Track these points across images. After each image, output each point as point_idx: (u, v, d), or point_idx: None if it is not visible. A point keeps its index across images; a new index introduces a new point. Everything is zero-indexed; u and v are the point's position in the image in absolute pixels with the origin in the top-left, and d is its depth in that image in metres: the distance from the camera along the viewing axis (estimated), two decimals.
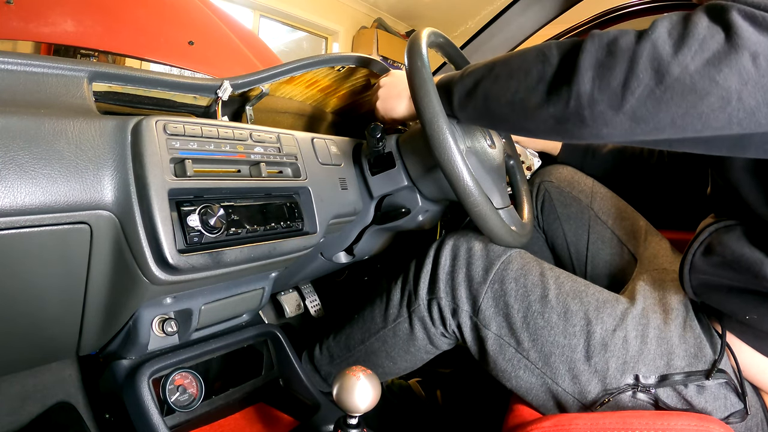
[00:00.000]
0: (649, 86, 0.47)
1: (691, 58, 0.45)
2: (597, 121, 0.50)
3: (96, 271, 0.55)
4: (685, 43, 0.45)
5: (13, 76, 0.52)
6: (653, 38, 0.47)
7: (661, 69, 0.46)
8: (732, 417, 0.63)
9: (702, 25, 0.46)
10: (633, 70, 0.47)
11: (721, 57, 0.44)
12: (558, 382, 0.69)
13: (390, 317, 0.85)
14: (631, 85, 0.47)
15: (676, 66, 0.45)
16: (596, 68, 0.49)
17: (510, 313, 0.73)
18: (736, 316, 0.64)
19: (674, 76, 0.46)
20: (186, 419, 0.74)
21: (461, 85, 0.67)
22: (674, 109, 0.47)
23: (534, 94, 0.55)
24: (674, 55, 0.46)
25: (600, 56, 0.49)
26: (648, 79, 0.46)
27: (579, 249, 0.97)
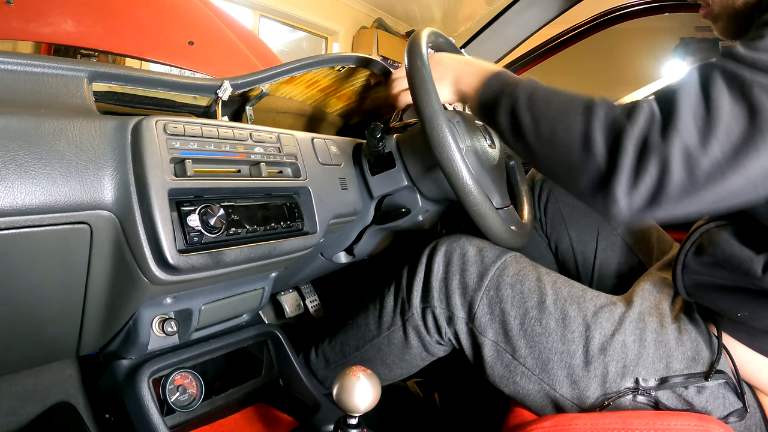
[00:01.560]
0: (682, 181, 0.48)
1: (720, 148, 0.46)
2: (633, 216, 0.51)
3: (96, 271, 0.55)
4: (712, 131, 0.46)
5: (13, 76, 0.52)
6: (680, 130, 0.47)
7: (692, 165, 0.47)
8: (731, 416, 0.63)
9: (725, 107, 0.46)
10: (666, 171, 0.48)
11: (747, 141, 0.45)
12: (556, 388, 0.69)
13: (384, 325, 0.84)
14: (665, 182, 0.48)
15: (706, 160, 0.46)
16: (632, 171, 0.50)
17: (506, 320, 0.72)
18: (728, 314, 0.64)
19: (705, 170, 0.47)
20: (186, 419, 0.74)
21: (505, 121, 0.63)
22: (707, 198, 0.48)
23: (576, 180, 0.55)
24: (703, 148, 0.46)
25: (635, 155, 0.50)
26: (680, 175, 0.47)
27: (586, 256, 0.95)
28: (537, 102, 0.59)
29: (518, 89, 0.62)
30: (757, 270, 0.57)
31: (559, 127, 0.56)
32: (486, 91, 0.67)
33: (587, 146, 0.53)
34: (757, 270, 0.57)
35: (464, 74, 0.74)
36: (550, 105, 0.58)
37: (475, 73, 0.72)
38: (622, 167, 0.50)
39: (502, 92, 0.64)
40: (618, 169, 0.50)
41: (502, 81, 0.66)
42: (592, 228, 0.95)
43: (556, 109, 0.57)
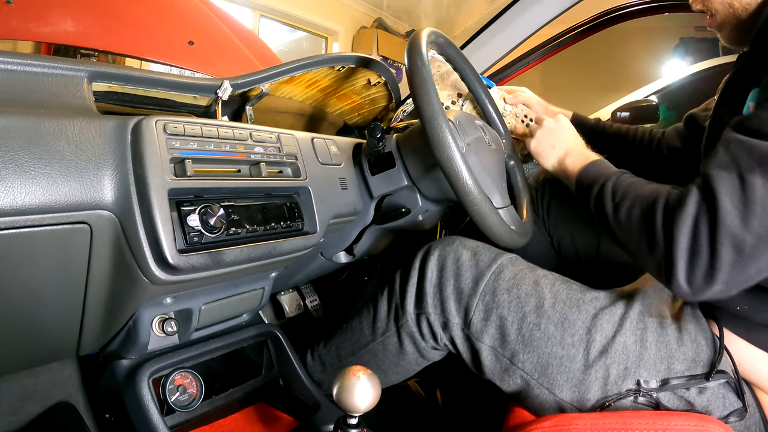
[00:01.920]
0: (732, 260, 0.54)
1: (759, 224, 0.52)
2: (697, 292, 0.58)
3: (96, 270, 0.55)
4: (750, 211, 0.53)
5: (13, 76, 0.52)
6: (722, 217, 0.54)
7: (738, 243, 0.53)
8: (731, 416, 0.63)
9: (758, 186, 0.52)
10: (716, 253, 0.54)
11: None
12: (556, 392, 0.68)
13: (378, 330, 0.83)
14: (717, 263, 0.55)
15: (749, 236, 0.53)
16: (687, 256, 0.57)
17: (504, 325, 0.72)
18: (728, 309, 0.65)
19: (750, 245, 0.53)
20: (186, 419, 0.74)
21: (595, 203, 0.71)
22: (756, 264, 0.54)
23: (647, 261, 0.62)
24: (745, 227, 0.53)
25: (686, 245, 0.57)
26: (729, 255, 0.54)
27: (588, 255, 0.95)
28: (619, 191, 0.68)
29: (608, 178, 0.71)
30: None
31: (632, 215, 0.64)
32: (583, 176, 0.76)
33: (651, 235, 0.61)
34: None
35: (570, 153, 0.83)
36: (627, 194, 0.66)
37: (579, 154, 0.82)
38: (678, 256, 0.57)
39: (596, 179, 0.72)
40: (675, 257, 0.57)
41: (597, 169, 0.75)
42: (594, 227, 0.95)
43: (632, 199, 0.65)
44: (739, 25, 0.68)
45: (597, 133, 1.12)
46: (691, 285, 0.57)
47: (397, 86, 1.11)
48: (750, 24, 0.66)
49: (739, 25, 0.68)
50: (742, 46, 0.70)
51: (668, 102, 2.50)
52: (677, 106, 2.48)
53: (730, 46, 0.72)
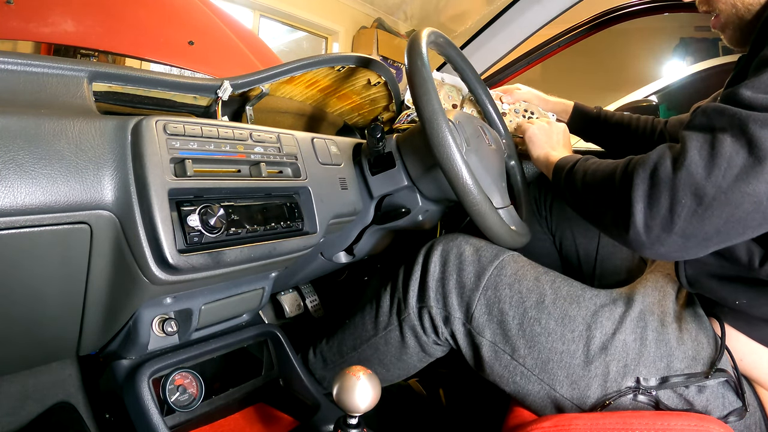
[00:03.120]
0: (691, 208, 0.53)
1: (722, 177, 0.52)
2: (654, 243, 0.57)
3: (96, 271, 0.55)
4: (715, 163, 0.52)
5: (13, 76, 0.52)
6: (687, 164, 0.53)
7: (699, 192, 0.53)
8: (731, 416, 0.63)
9: (726, 144, 0.52)
10: (675, 197, 0.54)
11: (747, 171, 0.51)
12: (556, 388, 0.68)
13: (380, 325, 0.84)
14: (676, 209, 0.54)
15: (711, 187, 0.52)
16: (645, 199, 0.56)
17: (505, 320, 0.72)
18: (727, 303, 0.66)
19: (711, 196, 0.52)
20: (186, 419, 0.74)
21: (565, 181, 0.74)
22: (716, 221, 0.53)
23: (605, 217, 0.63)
24: (707, 177, 0.52)
25: (646, 188, 0.56)
26: (689, 202, 0.53)
27: (589, 253, 0.96)
28: (588, 163, 0.70)
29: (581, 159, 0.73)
30: (755, 262, 0.60)
31: (596, 175, 0.66)
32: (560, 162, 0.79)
33: (610, 187, 0.61)
34: (756, 262, 0.60)
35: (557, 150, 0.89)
36: (595, 163, 0.68)
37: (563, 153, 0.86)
38: (636, 200, 0.56)
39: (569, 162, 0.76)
40: (633, 201, 0.57)
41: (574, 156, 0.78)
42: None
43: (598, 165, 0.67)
44: (742, 25, 0.68)
45: (599, 123, 1.13)
46: (648, 232, 0.56)
47: (397, 86, 1.11)
48: (752, 25, 0.66)
49: (742, 26, 0.68)
50: (744, 47, 0.70)
51: (668, 102, 2.50)
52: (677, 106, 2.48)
53: (733, 47, 0.73)
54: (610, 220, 0.61)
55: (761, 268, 0.59)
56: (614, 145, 1.16)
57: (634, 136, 1.10)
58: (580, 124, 1.15)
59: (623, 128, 1.12)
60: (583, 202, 0.68)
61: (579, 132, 1.17)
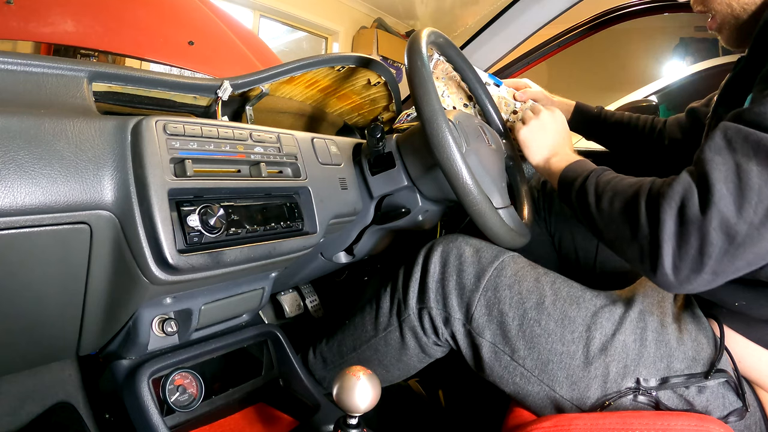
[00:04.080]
0: (723, 248, 0.51)
1: (754, 212, 0.50)
2: (683, 283, 0.55)
3: (96, 271, 0.55)
4: (745, 198, 0.50)
5: (13, 76, 0.52)
6: (715, 201, 0.51)
7: (730, 231, 0.51)
8: (731, 416, 0.63)
9: (754, 174, 0.50)
10: (706, 238, 0.51)
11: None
12: (556, 389, 0.68)
13: (380, 326, 0.84)
14: (707, 250, 0.52)
15: (743, 224, 0.50)
16: (674, 240, 0.54)
17: (505, 321, 0.72)
18: (726, 305, 0.65)
19: (743, 234, 0.50)
20: (186, 419, 0.74)
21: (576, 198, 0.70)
22: (748, 257, 0.52)
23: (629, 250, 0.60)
24: (738, 214, 0.50)
25: (675, 228, 0.54)
26: (720, 242, 0.51)
27: (588, 254, 0.96)
28: (601, 183, 0.66)
29: (590, 172, 0.70)
30: None
31: (615, 203, 0.62)
32: (566, 173, 0.75)
33: (635, 220, 0.58)
34: None
35: (559, 154, 0.82)
36: (609, 184, 0.65)
37: (566, 157, 0.80)
38: (665, 240, 0.54)
39: (579, 174, 0.72)
40: (661, 242, 0.54)
41: (581, 165, 0.75)
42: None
43: (614, 188, 0.63)
44: (739, 26, 0.68)
45: (600, 122, 1.14)
46: (677, 273, 0.54)
47: (397, 86, 1.11)
48: (749, 25, 0.66)
49: (738, 27, 0.68)
50: (741, 48, 0.70)
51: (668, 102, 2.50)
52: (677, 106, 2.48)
53: (730, 47, 0.73)
54: (634, 256, 0.59)
55: (761, 269, 0.58)
56: (615, 144, 1.16)
57: (634, 135, 1.11)
58: (582, 124, 1.15)
59: (623, 127, 1.12)
60: (601, 228, 0.65)
61: (580, 131, 1.17)
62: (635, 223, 0.58)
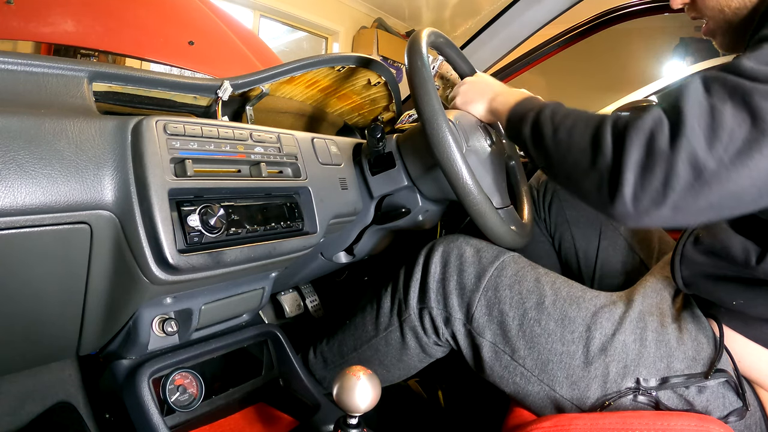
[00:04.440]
0: (688, 182, 0.50)
1: (724, 150, 0.48)
2: (641, 215, 0.53)
3: (96, 271, 0.55)
4: (717, 135, 0.49)
5: (13, 76, 0.52)
6: (686, 134, 0.50)
7: (698, 165, 0.49)
8: (731, 416, 0.63)
9: (728, 113, 0.49)
10: (672, 170, 0.50)
11: (750, 144, 0.48)
12: (556, 389, 0.69)
13: (381, 326, 0.84)
14: (671, 183, 0.50)
15: (712, 161, 0.49)
16: (638, 169, 0.52)
17: (505, 320, 0.72)
18: (724, 304, 0.65)
19: (711, 171, 0.49)
20: (186, 419, 0.74)
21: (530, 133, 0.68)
22: (712, 197, 0.50)
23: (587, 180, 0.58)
24: (708, 150, 0.49)
25: (640, 156, 0.52)
26: (686, 175, 0.50)
27: (588, 255, 0.96)
28: (558, 114, 0.64)
29: (544, 106, 0.67)
30: (752, 260, 0.59)
31: (575, 132, 0.59)
32: (517, 109, 0.73)
33: (597, 147, 0.56)
34: (752, 260, 0.59)
35: (500, 94, 0.81)
36: (568, 116, 0.62)
37: (509, 93, 0.79)
38: (628, 168, 0.52)
39: (531, 108, 0.69)
40: (624, 169, 0.52)
41: (532, 101, 0.72)
42: (595, 227, 0.95)
43: (574, 119, 0.61)
44: (731, 30, 0.68)
45: None
46: (637, 204, 0.52)
47: (397, 86, 1.11)
48: (742, 29, 0.66)
49: (730, 31, 0.68)
50: (737, 51, 0.70)
51: None
52: None
53: (725, 51, 0.72)
54: (591, 186, 0.57)
55: (758, 265, 0.58)
56: None
57: None
58: None
59: None
60: (556, 160, 0.62)
61: None
62: (597, 151, 0.56)
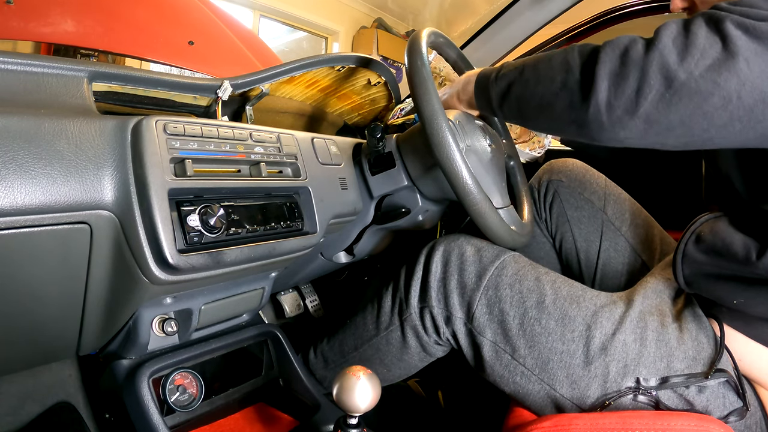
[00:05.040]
0: (659, 91, 0.52)
1: (695, 64, 0.50)
2: (615, 125, 0.55)
3: (96, 271, 0.55)
4: (689, 51, 0.51)
5: (13, 76, 0.52)
6: (660, 48, 0.52)
7: (670, 75, 0.51)
8: (731, 416, 0.63)
9: (701, 35, 0.51)
10: (645, 78, 0.52)
11: (720, 63, 0.50)
12: (556, 388, 0.69)
13: (382, 325, 0.84)
14: (644, 91, 0.52)
15: (682, 72, 0.51)
16: (611, 77, 0.54)
17: (505, 319, 0.72)
18: (725, 303, 0.65)
19: (681, 81, 0.51)
20: (186, 419, 0.74)
21: (497, 87, 0.71)
22: (682, 110, 0.52)
23: (559, 101, 0.60)
24: (680, 62, 0.51)
25: (614, 66, 0.54)
26: (658, 84, 0.52)
27: (589, 256, 0.96)
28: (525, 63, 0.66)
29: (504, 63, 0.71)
30: (752, 256, 0.59)
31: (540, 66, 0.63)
32: (480, 79, 0.76)
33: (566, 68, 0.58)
34: (753, 256, 0.59)
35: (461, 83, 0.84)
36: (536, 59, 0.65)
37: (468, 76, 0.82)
38: (601, 77, 0.54)
39: (492, 71, 0.73)
40: (597, 78, 0.54)
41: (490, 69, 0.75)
42: (596, 228, 0.95)
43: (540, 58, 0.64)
44: None
45: None
46: (610, 112, 0.53)
47: (397, 86, 1.11)
48: None
49: None
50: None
51: None
52: None
53: None
54: (566, 101, 0.58)
55: (759, 261, 0.58)
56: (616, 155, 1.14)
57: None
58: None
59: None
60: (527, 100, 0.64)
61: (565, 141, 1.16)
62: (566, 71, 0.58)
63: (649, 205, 0.98)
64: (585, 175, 0.99)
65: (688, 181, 0.98)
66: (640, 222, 0.93)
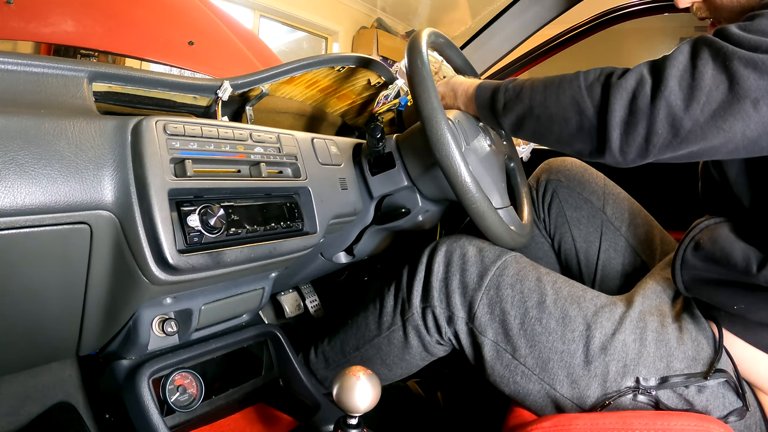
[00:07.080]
0: (667, 138, 0.55)
1: (700, 110, 0.53)
2: (629, 163, 0.61)
3: (96, 271, 0.55)
4: (694, 96, 0.53)
5: (13, 76, 0.52)
6: (666, 94, 0.54)
7: (675, 124, 0.54)
8: (731, 415, 0.63)
9: (707, 75, 0.52)
10: (652, 128, 0.56)
11: (725, 108, 0.52)
12: (556, 387, 0.69)
13: (384, 325, 0.84)
14: (652, 139, 0.56)
15: (688, 120, 0.53)
16: (622, 126, 0.58)
17: (506, 319, 0.72)
18: (725, 308, 0.65)
19: (687, 129, 0.54)
20: (186, 419, 0.74)
21: (507, 120, 0.72)
22: (690, 149, 0.56)
23: (576, 142, 0.64)
24: (685, 109, 0.53)
25: (624, 115, 0.57)
26: (665, 132, 0.55)
27: (589, 256, 0.96)
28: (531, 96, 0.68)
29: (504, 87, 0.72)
30: (752, 267, 0.59)
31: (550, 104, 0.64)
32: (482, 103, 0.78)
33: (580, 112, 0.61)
34: (753, 267, 0.59)
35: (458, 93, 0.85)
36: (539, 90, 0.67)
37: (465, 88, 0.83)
38: (613, 126, 0.58)
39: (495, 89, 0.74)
40: (610, 128, 0.58)
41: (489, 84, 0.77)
42: (596, 228, 0.95)
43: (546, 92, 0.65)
44: None
45: None
46: (624, 156, 0.59)
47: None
48: None
49: None
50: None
51: None
52: None
53: None
54: (584, 147, 0.63)
55: (759, 273, 0.58)
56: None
57: None
58: None
59: None
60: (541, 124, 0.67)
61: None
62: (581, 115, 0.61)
63: (649, 204, 0.98)
64: (584, 174, 0.98)
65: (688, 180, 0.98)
66: (639, 221, 0.93)
